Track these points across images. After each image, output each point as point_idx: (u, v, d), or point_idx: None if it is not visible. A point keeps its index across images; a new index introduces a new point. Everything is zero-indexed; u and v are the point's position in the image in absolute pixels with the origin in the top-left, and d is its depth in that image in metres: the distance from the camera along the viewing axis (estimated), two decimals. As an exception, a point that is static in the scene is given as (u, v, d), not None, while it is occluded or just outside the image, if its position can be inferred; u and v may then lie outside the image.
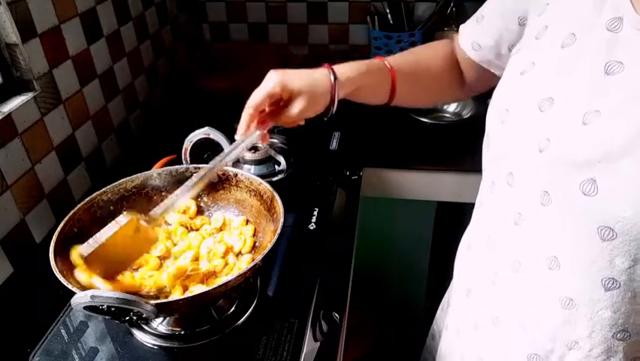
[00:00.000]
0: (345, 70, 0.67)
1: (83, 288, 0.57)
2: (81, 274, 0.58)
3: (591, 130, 0.46)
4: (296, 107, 0.64)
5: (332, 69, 0.66)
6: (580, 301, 0.50)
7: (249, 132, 0.66)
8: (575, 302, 0.51)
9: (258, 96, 0.65)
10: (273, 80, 0.65)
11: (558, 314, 0.52)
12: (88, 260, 0.58)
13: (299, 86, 0.64)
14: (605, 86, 0.46)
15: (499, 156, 0.58)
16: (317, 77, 0.65)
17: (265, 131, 0.67)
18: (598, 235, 0.46)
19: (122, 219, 0.60)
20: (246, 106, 0.67)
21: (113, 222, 0.61)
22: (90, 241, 0.58)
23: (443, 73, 0.75)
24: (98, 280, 0.58)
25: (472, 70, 0.74)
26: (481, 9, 0.69)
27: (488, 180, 0.63)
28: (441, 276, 1.69)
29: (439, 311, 0.89)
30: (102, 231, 0.60)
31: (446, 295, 0.86)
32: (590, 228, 0.47)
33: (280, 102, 0.66)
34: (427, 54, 0.76)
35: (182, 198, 0.65)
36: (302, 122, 0.68)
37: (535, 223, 0.52)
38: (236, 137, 0.67)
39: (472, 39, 0.71)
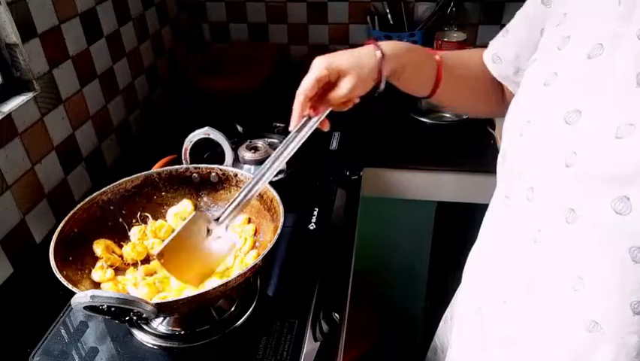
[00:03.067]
0: (391, 47, 0.66)
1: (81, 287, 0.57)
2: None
3: (625, 144, 0.43)
4: (345, 86, 0.64)
5: (377, 45, 0.66)
6: (606, 324, 0.48)
7: (301, 122, 0.68)
8: (600, 326, 0.49)
9: (306, 82, 0.65)
10: (320, 64, 0.65)
11: (581, 338, 0.50)
12: (162, 256, 0.62)
13: (346, 64, 0.64)
14: (639, 99, 0.44)
15: (518, 170, 0.55)
16: (363, 53, 0.65)
17: (323, 117, 0.68)
18: (629, 256, 0.44)
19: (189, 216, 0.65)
20: (297, 94, 0.67)
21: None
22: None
23: (478, 79, 0.73)
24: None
25: (497, 86, 0.72)
26: (508, 24, 0.68)
27: (502, 194, 0.60)
28: (441, 276, 1.69)
29: (441, 324, 0.87)
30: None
31: (450, 307, 0.84)
32: (620, 248, 0.44)
33: (329, 85, 0.66)
34: (468, 55, 0.75)
35: (249, 196, 0.67)
36: (356, 101, 0.68)
37: (557, 242, 0.50)
38: (290, 128, 0.69)
39: (494, 52, 0.69)
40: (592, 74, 0.48)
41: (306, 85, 0.65)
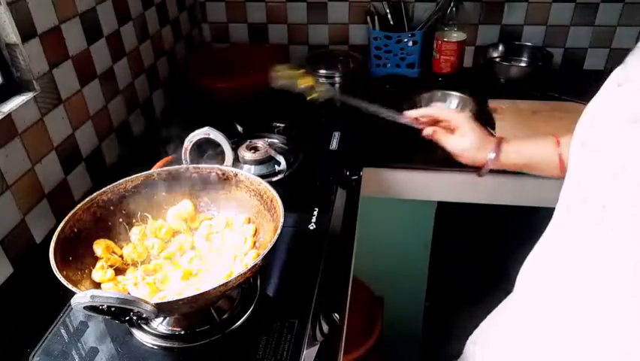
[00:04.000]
0: (512, 156, 0.80)
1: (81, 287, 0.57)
2: None
3: None
4: (459, 145, 0.85)
5: (499, 149, 0.81)
6: None
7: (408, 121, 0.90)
8: None
9: (444, 112, 0.89)
10: (462, 118, 0.85)
11: None
12: None
13: (472, 137, 0.83)
14: None
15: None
16: (483, 145, 0.83)
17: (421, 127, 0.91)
18: None
19: None
20: (430, 111, 0.90)
21: None
22: None
23: None
24: None
25: None
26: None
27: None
28: (441, 276, 1.69)
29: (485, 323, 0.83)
30: None
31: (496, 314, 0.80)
32: None
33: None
34: None
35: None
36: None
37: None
38: (407, 112, 0.91)
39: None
40: None
41: (434, 114, 0.89)
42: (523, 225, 1.83)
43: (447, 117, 0.87)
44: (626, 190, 0.48)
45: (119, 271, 0.71)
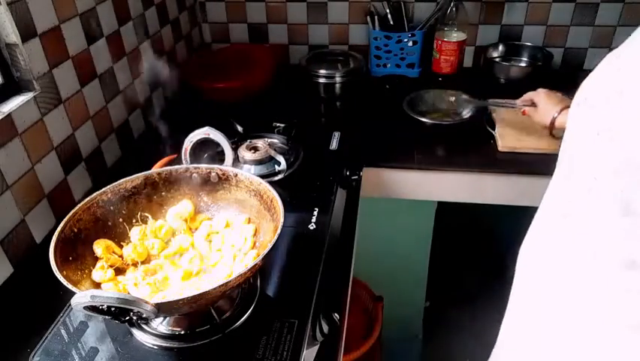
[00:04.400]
0: (564, 119, 0.96)
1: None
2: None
3: None
4: (534, 113, 1.08)
5: (561, 110, 1.00)
6: None
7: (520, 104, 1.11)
8: None
9: (533, 96, 1.09)
10: (537, 92, 1.08)
11: None
12: None
13: (540, 106, 1.06)
14: None
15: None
16: (549, 109, 1.03)
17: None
18: None
19: None
20: (530, 95, 1.10)
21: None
22: None
23: None
24: None
25: None
26: None
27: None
28: (441, 277, 1.69)
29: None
30: None
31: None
32: None
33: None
34: None
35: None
36: None
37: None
38: (518, 101, 1.12)
39: None
40: None
41: (532, 98, 1.09)
42: (523, 225, 1.84)
43: (534, 97, 1.08)
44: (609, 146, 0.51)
45: (119, 271, 0.71)
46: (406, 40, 1.44)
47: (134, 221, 0.77)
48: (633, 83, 0.49)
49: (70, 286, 0.57)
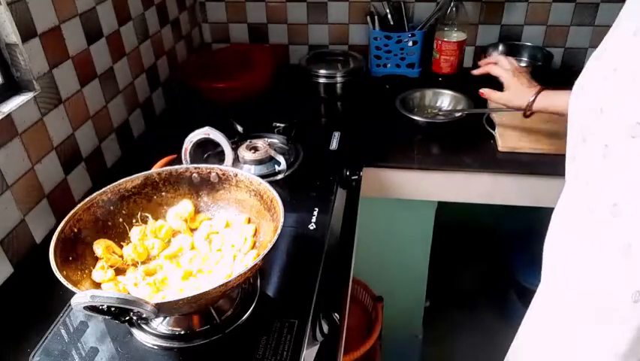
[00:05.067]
0: (548, 100, 0.96)
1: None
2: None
3: None
4: (503, 97, 1.04)
5: (537, 94, 0.97)
6: None
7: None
8: None
9: (497, 69, 1.08)
10: (507, 74, 1.05)
11: None
12: None
13: (513, 89, 1.03)
14: None
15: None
16: (526, 91, 1.00)
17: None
18: None
19: None
20: (495, 58, 1.12)
21: None
22: None
23: None
24: None
25: None
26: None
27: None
28: (441, 277, 1.69)
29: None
30: None
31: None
32: None
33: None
34: None
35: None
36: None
37: None
38: (474, 71, 1.15)
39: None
40: None
41: (498, 60, 1.11)
42: (523, 225, 1.84)
43: (498, 74, 1.07)
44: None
45: (120, 271, 0.71)
46: (405, 40, 1.44)
47: (134, 221, 0.77)
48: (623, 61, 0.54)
49: (70, 286, 0.57)
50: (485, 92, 1.08)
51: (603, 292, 0.57)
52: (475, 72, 1.14)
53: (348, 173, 1.04)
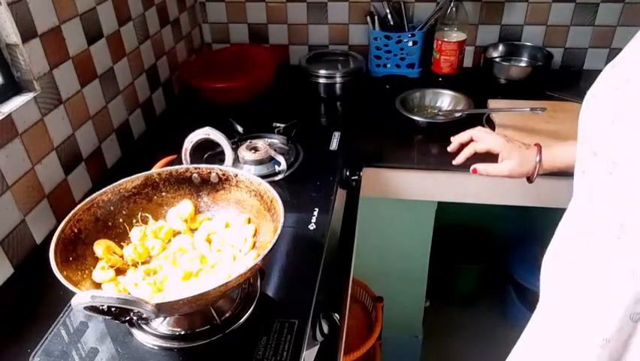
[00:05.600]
0: (552, 155, 0.86)
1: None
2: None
3: None
4: (506, 167, 0.90)
5: (540, 152, 0.87)
6: None
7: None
8: None
9: (483, 142, 0.94)
10: (500, 143, 0.91)
11: None
12: None
13: (514, 156, 0.89)
14: None
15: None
16: (527, 154, 0.89)
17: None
18: None
19: None
20: (469, 134, 0.97)
21: None
22: None
23: None
24: None
25: None
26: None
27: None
28: (441, 277, 1.69)
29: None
30: None
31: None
32: None
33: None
34: None
35: None
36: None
37: None
38: (449, 147, 1.00)
39: None
40: None
41: (481, 140, 0.95)
42: (523, 225, 1.84)
43: (487, 148, 0.94)
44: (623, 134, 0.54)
45: (120, 271, 0.71)
46: (405, 40, 1.44)
47: (134, 221, 0.77)
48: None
49: (70, 287, 0.57)
50: (480, 168, 0.94)
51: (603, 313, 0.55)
52: (451, 149, 1.00)
53: (348, 173, 1.04)
